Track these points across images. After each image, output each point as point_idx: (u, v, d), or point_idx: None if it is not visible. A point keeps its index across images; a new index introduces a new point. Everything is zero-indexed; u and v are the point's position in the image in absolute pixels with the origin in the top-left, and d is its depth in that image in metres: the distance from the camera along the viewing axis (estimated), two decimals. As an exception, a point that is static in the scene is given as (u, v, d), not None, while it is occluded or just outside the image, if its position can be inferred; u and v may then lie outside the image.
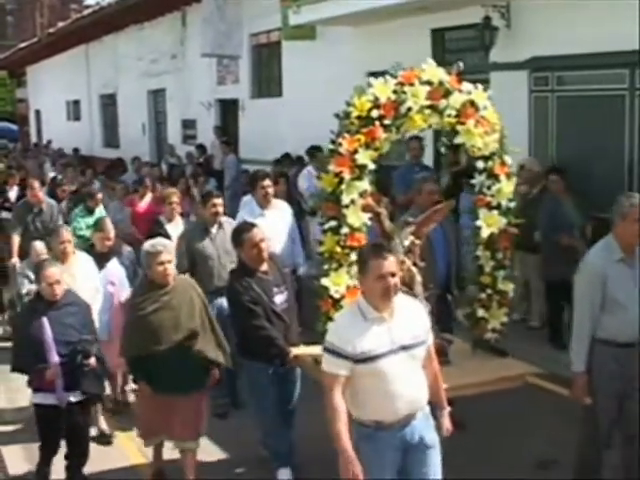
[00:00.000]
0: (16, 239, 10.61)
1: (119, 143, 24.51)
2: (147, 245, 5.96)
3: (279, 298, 6.06)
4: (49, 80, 31.33)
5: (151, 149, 22.09)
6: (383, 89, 5.54)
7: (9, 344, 9.79)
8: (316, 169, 11.78)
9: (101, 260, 7.57)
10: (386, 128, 5.51)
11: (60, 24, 25.06)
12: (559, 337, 8.56)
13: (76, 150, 24.31)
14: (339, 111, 5.68)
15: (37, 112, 34.71)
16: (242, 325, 5.97)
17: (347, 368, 4.19)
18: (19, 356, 5.99)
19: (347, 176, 5.46)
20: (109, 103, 25.51)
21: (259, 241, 5.97)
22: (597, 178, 9.09)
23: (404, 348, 4.25)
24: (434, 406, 4.60)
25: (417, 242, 5.50)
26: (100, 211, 11.18)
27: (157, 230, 8.50)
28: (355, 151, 5.46)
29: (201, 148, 17.68)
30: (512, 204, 6.22)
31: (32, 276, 8.85)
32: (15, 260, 10.31)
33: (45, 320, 5.80)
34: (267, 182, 8.21)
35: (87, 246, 7.99)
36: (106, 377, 6.84)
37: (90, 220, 10.74)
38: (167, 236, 8.16)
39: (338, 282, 5.57)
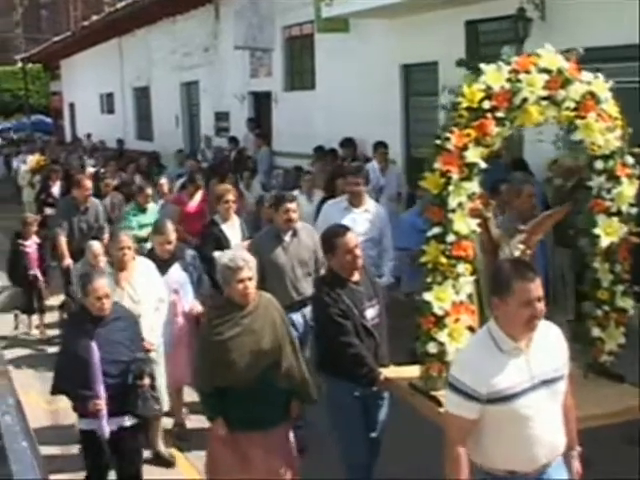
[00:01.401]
0: (62, 239, 10.05)
1: (152, 136, 24.64)
2: (225, 259, 5.22)
3: (370, 312, 5.42)
4: (83, 73, 31.54)
5: (184, 141, 22.18)
6: (496, 77, 4.79)
7: (48, 348, 9.93)
8: (379, 164, 11.90)
9: (162, 266, 6.93)
10: (499, 121, 4.79)
11: (94, 18, 25.20)
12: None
13: (120, 141, 24.29)
14: (446, 102, 5.19)
15: (71, 105, 34.94)
16: (328, 341, 5.34)
17: (476, 410, 3.62)
18: (62, 378, 5.49)
19: (455, 176, 4.74)
20: (142, 96, 25.65)
21: (353, 247, 5.33)
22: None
23: (545, 383, 3.67)
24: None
25: (528, 252, 5.06)
26: (153, 209, 10.74)
27: (212, 231, 8.10)
28: (464, 147, 4.73)
29: (234, 141, 17.72)
30: (634, 210, 5.42)
31: None
32: (69, 261, 9.78)
33: (93, 344, 5.32)
34: (358, 178, 7.61)
35: (145, 251, 7.43)
36: (168, 394, 6.64)
37: (143, 218, 10.43)
38: (224, 237, 7.93)
39: (442, 297, 4.83)
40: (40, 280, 10.67)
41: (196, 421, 7.10)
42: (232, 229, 8.07)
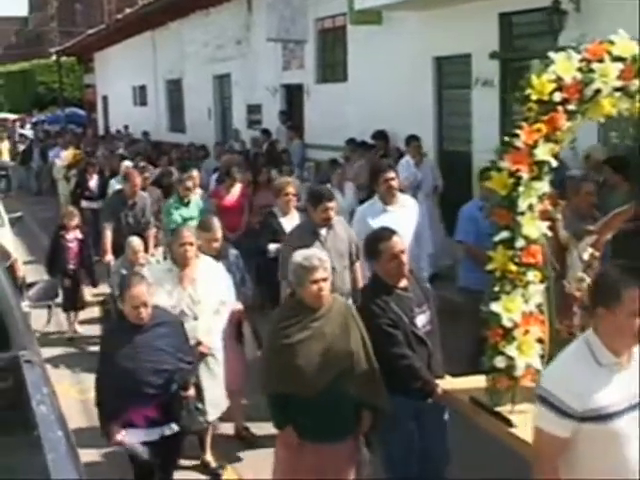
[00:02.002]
0: (108, 234, 9.91)
1: (185, 128, 24.72)
2: (300, 257, 4.94)
3: (421, 319, 5.11)
4: (116, 66, 31.72)
5: (216, 134, 22.25)
6: (566, 66, 4.41)
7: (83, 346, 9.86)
8: (414, 158, 11.69)
9: None
10: (569, 115, 4.43)
11: (127, 11, 25.27)
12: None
13: (146, 134, 24.15)
14: (519, 95, 4.58)
15: (104, 98, 35.14)
16: (378, 353, 4.94)
17: (569, 429, 3.35)
18: (102, 388, 5.25)
19: (525, 175, 4.40)
20: (175, 88, 25.73)
21: (399, 252, 5.02)
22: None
23: None
24: None
25: (597, 254, 4.79)
26: (197, 202, 10.58)
27: (270, 223, 7.97)
28: (535, 144, 4.38)
29: (266, 133, 17.74)
30: None
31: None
32: (110, 258, 9.73)
33: (133, 352, 5.10)
34: (391, 174, 7.32)
35: None
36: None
37: (185, 212, 10.27)
38: (281, 231, 7.73)
39: (511, 308, 4.46)
40: (79, 276, 10.42)
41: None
42: (291, 223, 7.78)
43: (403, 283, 5.09)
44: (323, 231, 6.69)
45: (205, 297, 6.08)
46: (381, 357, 4.91)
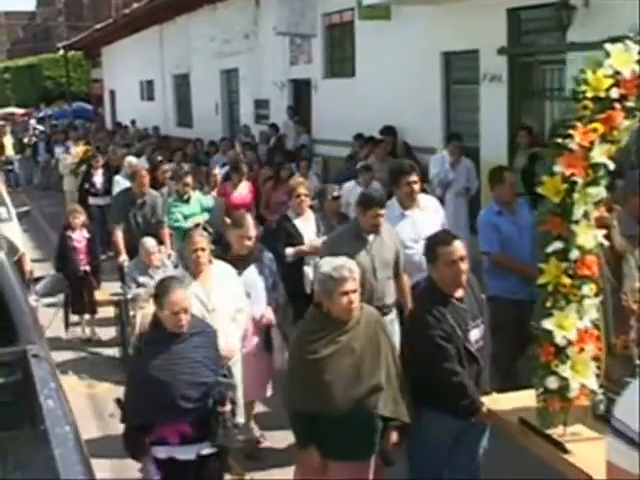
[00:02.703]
0: (119, 234, 9.65)
1: (192, 123, 24.72)
2: (328, 267, 4.63)
3: (475, 334, 4.76)
4: (123, 61, 31.74)
5: (224, 129, 22.26)
6: (624, 59, 4.04)
7: (98, 349, 9.56)
8: (451, 155, 11.24)
9: (237, 266, 6.20)
10: (628, 112, 4.04)
11: (135, 5, 25.25)
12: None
13: (156, 128, 23.94)
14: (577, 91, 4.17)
15: (111, 92, 35.17)
16: (427, 366, 4.61)
17: None
18: (135, 403, 4.86)
19: (580, 180, 4.04)
20: (182, 83, 25.74)
21: (458, 259, 4.63)
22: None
23: None
24: None
25: None
26: (198, 198, 10.44)
27: (284, 226, 7.71)
28: (590, 145, 4.02)
29: (273, 128, 17.75)
30: None
31: (140, 279, 8.52)
32: (124, 258, 9.41)
33: (171, 364, 4.77)
34: (414, 177, 6.85)
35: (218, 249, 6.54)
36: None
37: (186, 209, 10.17)
38: (297, 233, 7.58)
39: (565, 325, 4.10)
40: (91, 277, 10.04)
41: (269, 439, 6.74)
42: (306, 224, 7.64)
43: (459, 293, 4.74)
44: (370, 237, 6.27)
45: (220, 305, 5.76)
46: (429, 370, 4.60)
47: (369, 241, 6.23)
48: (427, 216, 6.94)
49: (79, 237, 9.94)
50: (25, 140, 28.40)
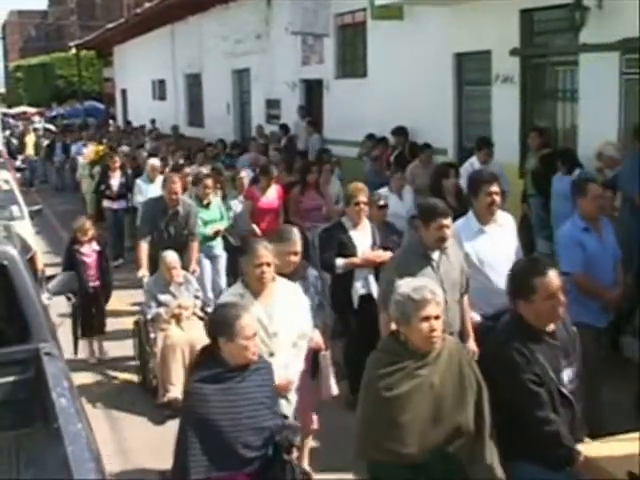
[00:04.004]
0: (144, 247, 8.69)
1: (203, 122, 24.74)
2: (407, 288, 4.09)
3: (568, 374, 4.21)
4: (135, 60, 31.81)
5: (235, 129, 22.29)
6: None
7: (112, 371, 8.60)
8: (481, 162, 10.55)
9: None
10: None
11: (147, 5, 25.31)
12: None
13: (175, 128, 23.65)
14: None
15: (123, 91, 35.23)
16: (515, 412, 4.07)
17: None
18: (190, 450, 4.14)
19: None
20: (194, 83, 25.75)
21: (557, 290, 4.12)
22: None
23: None
24: None
25: None
26: (217, 204, 9.94)
27: (337, 235, 7.10)
28: None
29: (284, 128, 17.74)
30: None
31: (161, 297, 7.86)
32: (144, 273, 8.51)
33: (234, 405, 4.17)
34: (495, 187, 6.10)
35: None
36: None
37: (206, 214, 9.59)
38: (351, 245, 7.03)
39: None
40: (100, 295, 9.03)
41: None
42: (362, 235, 7.05)
43: (551, 327, 4.20)
44: (435, 254, 5.58)
45: (283, 328, 5.07)
46: (518, 417, 4.06)
47: (435, 260, 5.57)
48: (505, 234, 6.21)
49: (88, 251, 9.00)
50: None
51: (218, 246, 9.89)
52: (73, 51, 38.28)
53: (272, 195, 10.12)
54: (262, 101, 20.55)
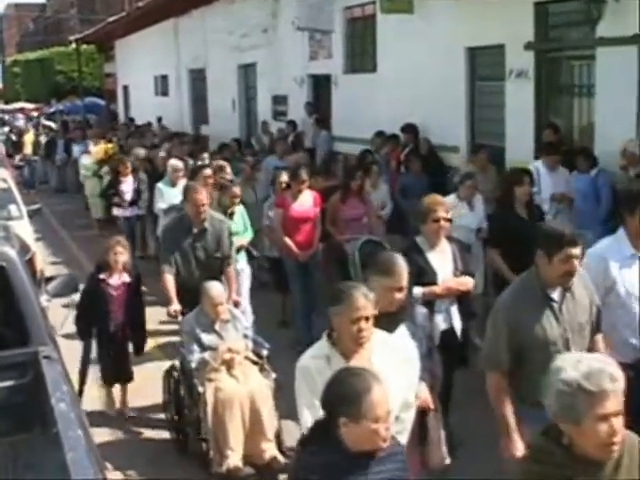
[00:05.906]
0: (170, 278, 7.37)
1: (208, 119, 24.56)
2: (576, 372, 2.93)
3: None
4: (137, 55, 31.64)
5: (241, 125, 22.14)
6: None
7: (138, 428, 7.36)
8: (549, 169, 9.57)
9: (381, 326, 4.24)
10: None
11: (149, -2, 25.19)
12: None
13: (197, 127, 23.12)
14: None
15: (125, 87, 35.08)
16: None
17: None
18: None
19: None
20: (198, 78, 25.54)
21: None
22: None
23: None
24: None
25: None
26: (241, 212, 9.11)
27: (414, 259, 5.67)
28: None
29: (291, 124, 17.59)
30: None
31: (205, 338, 6.67)
32: (176, 307, 7.25)
33: None
34: None
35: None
36: None
37: (232, 227, 8.22)
38: (430, 269, 5.94)
39: None
40: (126, 337, 7.61)
41: None
42: (441, 258, 6.02)
43: None
44: (556, 293, 4.50)
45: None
46: None
47: (557, 301, 4.50)
48: None
49: (117, 282, 7.52)
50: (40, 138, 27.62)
51: (241, 260, 8.93)
52: (73, 45, 38.06)
53: (307, 202, 9.04)
54: (268, 97, 20.36)
